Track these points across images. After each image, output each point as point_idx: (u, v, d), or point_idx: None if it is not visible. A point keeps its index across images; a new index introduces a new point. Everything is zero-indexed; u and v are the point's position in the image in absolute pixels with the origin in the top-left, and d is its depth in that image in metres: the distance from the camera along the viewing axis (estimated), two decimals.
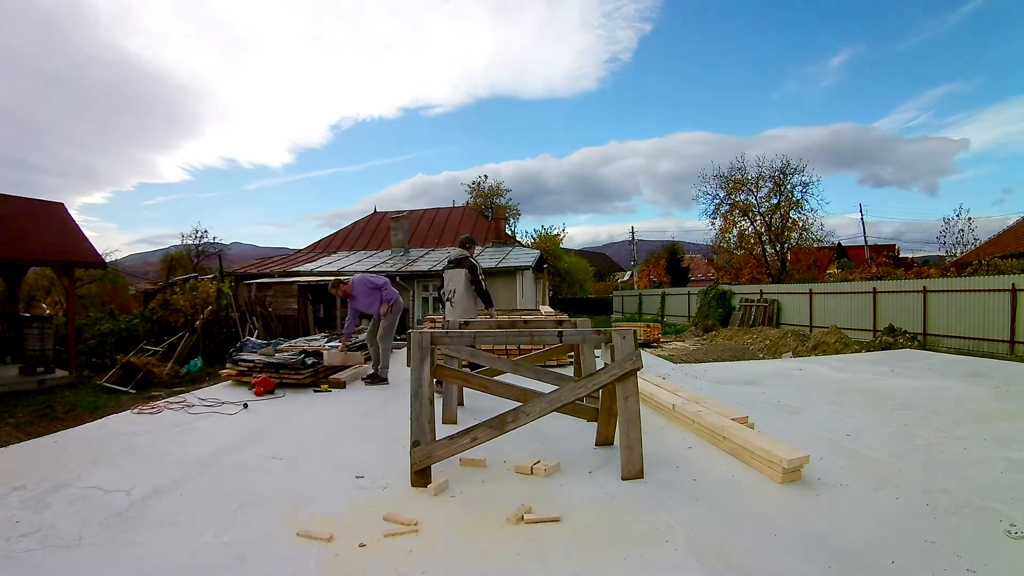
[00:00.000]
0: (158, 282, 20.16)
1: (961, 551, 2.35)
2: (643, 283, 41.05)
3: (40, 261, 11.14)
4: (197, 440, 4.24)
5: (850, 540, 2.49)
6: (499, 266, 15.65)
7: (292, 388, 6.11)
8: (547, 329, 4.22)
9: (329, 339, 7.99)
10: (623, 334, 3.40)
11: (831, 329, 13.76)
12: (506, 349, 7.59)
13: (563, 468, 3.43)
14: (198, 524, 2.73)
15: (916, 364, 7.76)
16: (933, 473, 3.32)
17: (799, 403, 5.29)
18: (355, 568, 2.29)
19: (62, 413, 7.65)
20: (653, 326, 16.54)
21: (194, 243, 33.28)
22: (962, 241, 23.93)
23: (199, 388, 6.98)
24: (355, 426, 4.69)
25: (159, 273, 29.34)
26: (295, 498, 3.04)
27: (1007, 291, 11.34)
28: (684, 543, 2.48)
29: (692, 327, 19.99)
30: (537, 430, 4.02)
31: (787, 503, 2.91)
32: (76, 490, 3.17)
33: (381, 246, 21.46)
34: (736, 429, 3.78)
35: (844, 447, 3.84)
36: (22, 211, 10.96)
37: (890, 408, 5.02)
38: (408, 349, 3.46)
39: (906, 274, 17.59)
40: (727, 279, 27.80)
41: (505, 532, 2.60)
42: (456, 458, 3.40)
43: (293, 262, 19.51)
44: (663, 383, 5.65)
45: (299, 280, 15.00)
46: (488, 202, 34.17)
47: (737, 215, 26.78)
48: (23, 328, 10.15)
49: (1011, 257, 15.97)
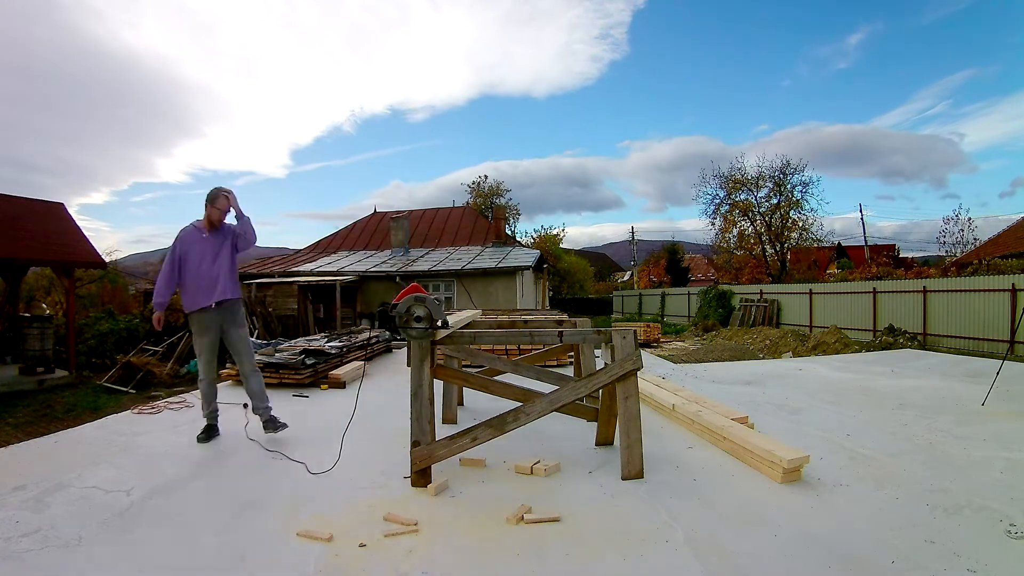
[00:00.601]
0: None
1: (961, 551, 2.35)
2: (643, 283, 41.06)
3: (40, 261, 11.13)
4: (197, 440, 4.24)
5: (850, 540, 2.49)
6: (499, 266, 15.63)
7: (292, 388, 6.12)
8: (547, 329, 4.22)
9: (329, 339, 7.99)
10: (623, 334, 3.39)
11: (831, 329, 13.76)
12: (506, 349, 7.59)
13: (563, 468, 3.43)
14: (198, 524, 2.73)
15: (916, 364, 7.76)
16: (933, 473, 3.32)
17: (799, 403, 5.29)
18: (355, 568, 2.29)
19: (62, 413, 7.64)
20: (653, 326, 16.52)
21: None
22: (962, 241, 23.97)
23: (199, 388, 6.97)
24: (355, 426, 4.68)
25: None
26: (295, 498, 3.04)
27: (1007, 291, 11.34)
28: (684, 543, 2.48)
29: (692, 327, 19.98)
30: (537, 430, 4.02)
31: (787, 503, 2.91)
32: (76, 490, 3.17)
33: (381, 246, 21.44)
34: (736, 429, 3.78)
35: (844, 447, 3.84)
36: (22, 211, 10.96)
37: (890, 408, 5.02)
38: (408, 349, 3.46)
39: (906, 274, 17.60)
40: (727, 279, 27.81)
41: (505, 532, 2.60)
42: (456, 458, 3.40)
43: (293, 262, 19.50)
44: (663, 383, 5.65)
45: (299, 280, 14.99)
46: (488, 202, 34.19)
47: (737, 215, 26.78)
48: (23, 328, 10.14)
49: (1011, 257, 15.97)
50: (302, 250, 23.00)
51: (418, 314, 3.02)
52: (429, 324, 3.05)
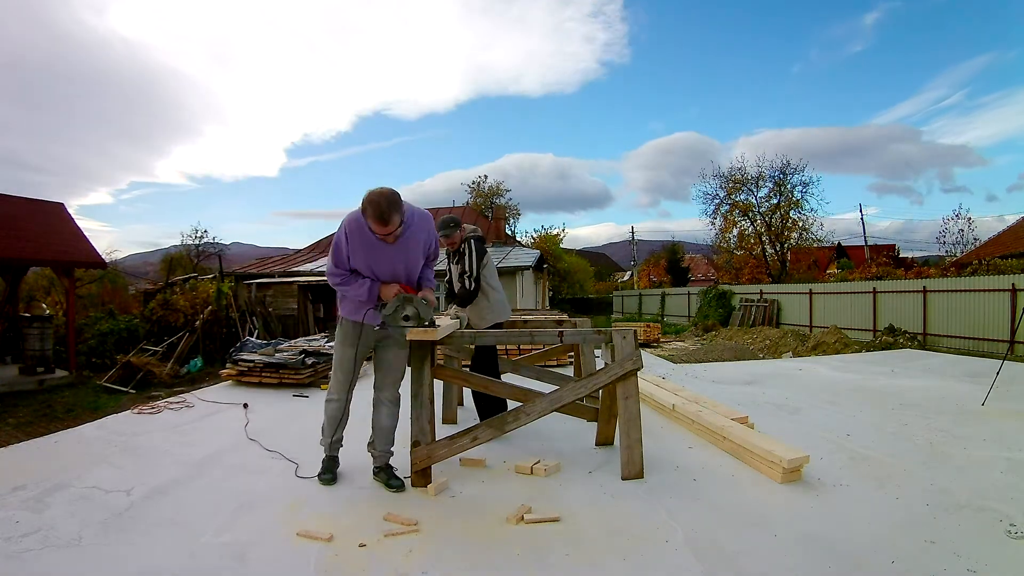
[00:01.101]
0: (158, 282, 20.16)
1: (961, 551, 2.35)
2: (643, 283, 41.07)
3: (40, 261, 11.13)
4: (197, 440, 4.24)
5: (850, 540, 2.49)
6: (499, 266, 15.63)
7: (292, 387, 6.12)
8: (547, 329, 4.22)
9: (329, 339, 7.99)
10: (623, 334, 3.40)
11: (831, 329, 13.76)
12: (506, 349, 7.59)
13: (563, 468, 3.43)
14: (198, 524, 2.73)
15: (916, 364, 7.76)
16: (933, 473, 3.32)
17: (799, 403, 5.30)
18: (355, 568, 2.29)
19: (62, 413, 7.64)
20: (653, 326, 16.52)
21: (194, 243, 33.35)
22: (962, 241, 24.00)
23: (199, 388, 6.98)
24: (355, 426, 4.68)
25: (159, 273, 29.34)
26: (295, 498, 3.04)
27: (1007, 291, 11.33)
28: (684, 543, 2.48)
29: (692, 327, 19.98)
30: (537, 430, 4.02)
31: (787, 503, 2.91)
32: (76, 490, 3.17)
33: None
34: (736, 429, 3.79)
35: (844, 447, 3.84)
36: (22, 211, 10.97)
37: (890, 408, 5.02)
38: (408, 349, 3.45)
39: (906, 274, 17.58)
40: (727, 279, 27.79)
41: (505, 532, 2.60)
42: (456, 458, 3.41)
43: (293, 262, 19.51)
44: (663, 383, 5.65)
45: (299, 280, 15.00)
46: (488, 202, 34.17)
47: (737, 215, 26.77)
48: (23, 328, 10.14)
49: (1011, 257, 15.97)
50: (302, 250, 23.02)
51: (406, 313, 2.99)
52: (417, 324, 3.03)
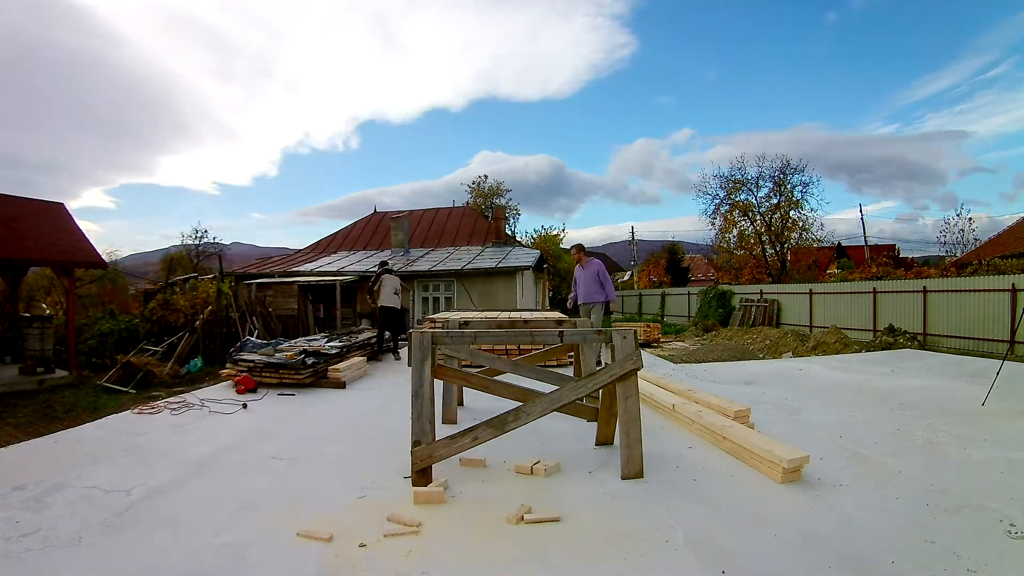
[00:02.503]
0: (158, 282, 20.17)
1: (961, 551, 2.35)
2: (643, 283, 41.05)
3: (40, 261, 11.13)
4: (197, 440, 4.24)
5: (850, 540, 2.49)
6: (499, 266, 15.63)
7: (292, 387, 6.11)
8: (547, 329, 4.22)
9: (329, 339, 7.99)
10: (623, 334, 3.40)
11: (831, 329, 13.77)
12: (506, 349, 7.59)
13: (563, 468, 3.43)
14: (198, 524, 2.73)
15: (916, 364, 7.76)
16: (933, 473, 3.32)
17: (799, 403, 5.29)
18: (355, 568, 2.29)
19: (62, 413, 7.64)
20: (653, 326, 16.53)
21: (194, 243, 33.37)
22: (962, 241, 24.00)
23: (199, 388, 6.98)
24: (355, 426, 4.69)
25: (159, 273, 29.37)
26: (295, 498, 3.04)
27: (1007, 291, 11.34)
28: (684, 543, 2.48)
29: (692, 327, 19.99)
30: (537, 430, 4.02)
31: (787, 503, 2.91)
32: (76, 490, 3.17)
33: (381, 246, 21.45)
34: (736, 429, 3.79)
35: (844, 447, 3.84)
36: (22, 211, 10.98)
37: (890, 408, 5.02)
38: (409, 349, 3.46)
39: (906, 274, 17.59)
40: (727, 279, 27.78)
41: (505, 532, 2.60)
42: (456, 458, 3.40)
43: (293, 262, 19.50)
44: (660, 380, 5.65)
45: (299, 280, 15.00)
46: (488, 202, 34.17)
47: (737, 215, 26.77)
48: (23, 328, 10.15)
49: (1011, 257, 15.97)
50: (302, 250, 23.00)
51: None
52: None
